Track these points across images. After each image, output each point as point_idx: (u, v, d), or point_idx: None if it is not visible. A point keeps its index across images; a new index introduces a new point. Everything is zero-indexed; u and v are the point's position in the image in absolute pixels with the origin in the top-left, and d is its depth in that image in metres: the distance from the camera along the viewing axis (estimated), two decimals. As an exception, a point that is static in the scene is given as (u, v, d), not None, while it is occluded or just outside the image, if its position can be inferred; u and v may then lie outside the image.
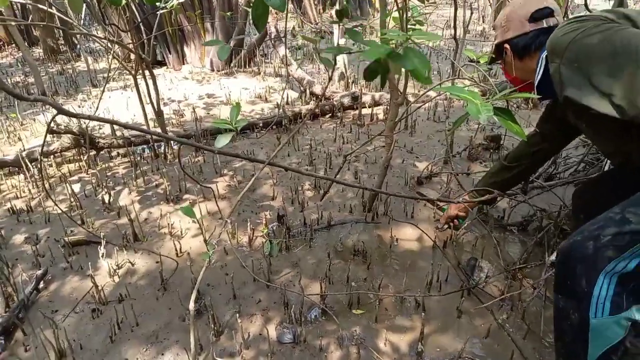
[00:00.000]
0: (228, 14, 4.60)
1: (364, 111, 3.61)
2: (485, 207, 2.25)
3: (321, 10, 8.35)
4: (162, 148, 3.02)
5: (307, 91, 4.04)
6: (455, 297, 1.72)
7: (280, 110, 3.69)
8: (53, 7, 2.73)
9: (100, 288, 1.76)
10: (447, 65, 4.94)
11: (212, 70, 5.08)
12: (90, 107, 3.98)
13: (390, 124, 2.07)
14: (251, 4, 1.08)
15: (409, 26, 1.81)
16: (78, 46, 6.46)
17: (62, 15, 3.08)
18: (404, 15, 1.77)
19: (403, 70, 1.55)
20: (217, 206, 1.95)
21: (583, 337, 1.07)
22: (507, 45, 1.37)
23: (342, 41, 4.36)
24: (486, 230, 2.11)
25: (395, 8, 1.92)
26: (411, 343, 1.54)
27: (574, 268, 1.07)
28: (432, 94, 3.60)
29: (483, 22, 7.32)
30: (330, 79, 1.63)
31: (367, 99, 3.77)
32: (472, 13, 5.15)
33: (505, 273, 1.82)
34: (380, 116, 3.59)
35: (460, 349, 1.47)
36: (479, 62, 2.11)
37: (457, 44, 2.38)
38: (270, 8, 1.09)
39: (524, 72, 1.37)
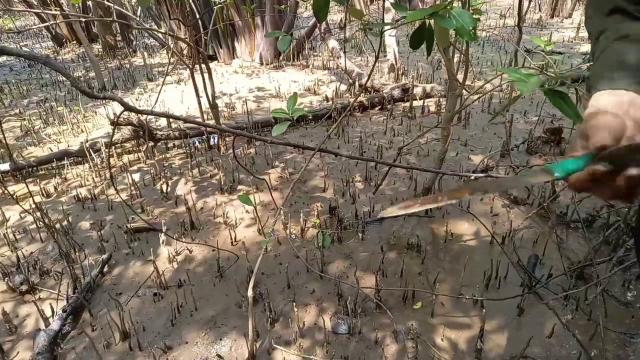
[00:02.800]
0: (282, 6, 4.63)
1: (415, 103, 3.54)
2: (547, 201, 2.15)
3: (369, 2, 8.26)
4: (216, 140, 3.09)
5: (356, 83, 4.01)
6: (516, 293, 1.65)
7: (330, 102, 3.68)
8: (113, 4, 2.84)
9: (160, 273, 1.82)
10: (502, 56, 4.76)
11: (261, 64, 5.14)
12: (147, 100, 4.13)
13: (447, 115, 2.02)
14: None
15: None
16: (134, 42, 6.72)
17: (121, 9, 3.21)
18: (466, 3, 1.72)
19: (457, 58, 1.50)
20: (271, 196, 1.97)
21: None
22: None
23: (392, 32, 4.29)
24: (547, 226, 2.02)
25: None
26: (470, 340, 1.50)
27: None
28: (488, 86, 3.48)
29: (540, 10, 6.99)
30: (376, 58, 1.60)
31: (417, 90, 3.69)
32: (530, 1, 4.93)
33: (569, 272, 1.73)
34: (432, 108, 3.50)
35: (522, 348, 1.42)
36: (543, 51, 2.01)
37: (520, 32, 2.28)
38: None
39: None
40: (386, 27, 1.40)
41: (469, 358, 1.44)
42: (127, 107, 1.16)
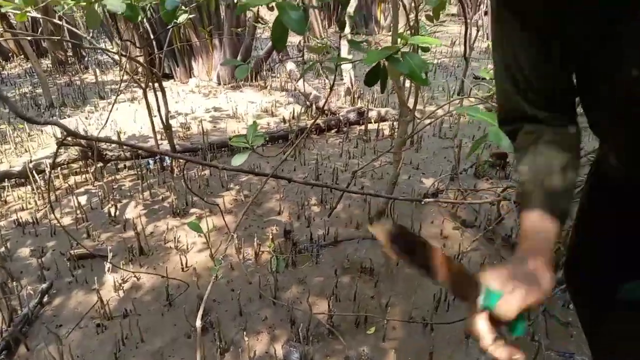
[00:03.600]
0: (238, 30, 4.65)
1: (370, 126, 3.61)
2: (493, 227, 2.23)
3: (327, 26, 8.44)
4: (169, 161, 3.03)
5: (314, 106, 4.05)
6: (463, 316, 1.69)
7: (287, 124, 3.71)
8: (64, 20, 2.76)
9: (105, 303, 1.74)
10: (452, 82, 4.96)
11: (219, 83, 5.11)
12: (98, 119, 4.00)
13: (399, 140, 2.07)
14: (259, 20, 1.10)
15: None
16: (86, 58, 6.53)
17: (72, 28, 3.12)
18: (413, 32, 1.79)
19: (408, 83, 1.54)
20: (224, 220, 1.94)
21: None
22: None
23: (349, 56, 4.39)
24: (494, 249, 2.09)
25: (402, 26, 1.95)
26: (420, 364, 1.52)
27: None
28: (440, 112, 3.61)
29: (487, 39, 7.37)
30: (331, 88, 1.63)
31: (373, 114, 3.78)
32: (477, 31, 5.19)
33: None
34: (387, 132, 3.59)
35: (470, 371, 1.45)
36: (484, 79, 2.11)
37: (467, 62, 2.39)
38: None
39: None
40: (342, 63, 1.43)
41: (419, 383, 1.46)
42: (70, 132, 1.12)
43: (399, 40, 1.25)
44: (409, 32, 1.81)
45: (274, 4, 1.00)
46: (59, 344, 1.52)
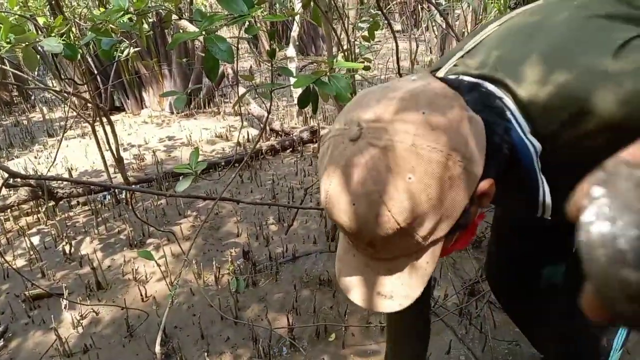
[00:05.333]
0: (184, 60, 4.71)
1: (323, 144, 3.72)
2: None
3: (277, 50, 8.61)
4: (124, 194, 3.02)
5: (267, 128, 4.14)
6: (417, 317, 1.79)
7: (240, 148, 3.76)
8: (5, 61, 2.74)
9: (64, 340, 1.73)
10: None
11: (172, 112, 5.12)
12: (48, 157, 3.93)
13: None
14: (207, 50, 1.17)
15: (357, 62, 1.95)
16: (32, 97, 6.38)
17: (15, 71, 3.09)
18: (350, 56, 1.91)
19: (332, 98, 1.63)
20: (180, 247, 1.97)
21: None
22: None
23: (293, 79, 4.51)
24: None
25: (343, 49, 2.07)
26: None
27: None
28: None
29: (431, 52, 7.73)
30: (268, 112, 1.72)
31: (325, 132, 3.89)
32: (417, 46, 5.46)
33: (462, 290, 1.91)
34: (339, 148, 3.71)
35: (424, 366, 1.53)
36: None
37: (400, 76, 2.54)
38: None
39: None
40: (275, 88, 1.52)
41: (378, 383, 1.53)
42: (13, 174, 1.14)
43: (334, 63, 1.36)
44: (343, 54, 1.93)
45: (201, 38, 1.08)
46: (17, 386, 1.51)
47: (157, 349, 1.37)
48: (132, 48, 2.66)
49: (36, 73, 7.05)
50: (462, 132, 0.55)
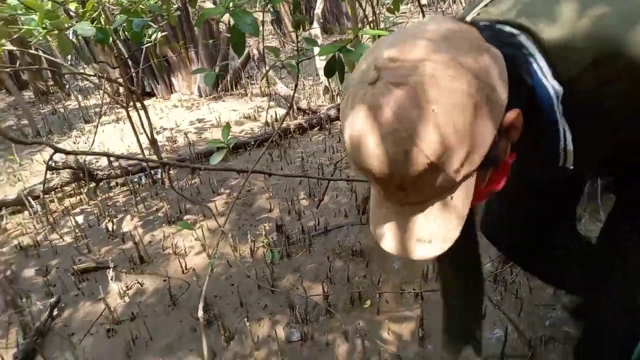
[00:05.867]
0: (210, 41, 4.75)
1: (351, 121, 3.72)
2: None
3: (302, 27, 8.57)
4: (159, 175, 3.12)
5: (295, 107, 4.16)
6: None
7: (269, 127, 3.81)
8: (40, 51, 2.85)
9: (112, 309, 1.83)
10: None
11: (200, 96, 5.21)
12: (85, 142, 4.08)
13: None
14: (233, 26, 1.20)
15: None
16: (67, 86, 6.59)
17: (50, 57, 3.21)
18: (375, 28, 1.91)
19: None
20: (216, 221, 2.04)
21: None
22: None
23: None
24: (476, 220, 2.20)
25: (367, 22, 2.06)
26: (413, 330, 1.63)
27: None
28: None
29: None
30: (296, 85, 1.74)
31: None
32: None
33: (497, 257, 1.91)
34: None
35: (458, 330, 1.56)
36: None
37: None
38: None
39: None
40: (301, 59, 1.54)
41: (414, 345, 1.57)
42: (57, 150, 1.21)
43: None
44: (368, 25, 1.92)
45: (225, 18, 1.10)
46: (73, 350, 1.61)
47: (200, 313, 1.45)
48: (159, 32, 2.72)
49: (69, 62, 7.26)
50: (482, 62, 0.55)
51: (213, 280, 2.00)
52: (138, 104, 2.96)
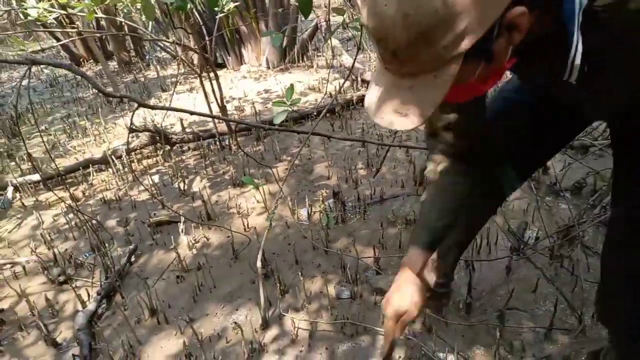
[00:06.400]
0: (280, 10, 4.83)
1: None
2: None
3: None
4: (227, 141, 3.30)
5: (359, 78, 4.17)
6: (505, 256, 1.80)
7: (333, 99, 3.86)
8: (124, 21, 3.07)
9: (182, 258, 2.02)
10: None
11: (268, 67, 5.34)
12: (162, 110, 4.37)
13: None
14: None
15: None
16: (147, 56, 7.02)
17: (133, 24, 3.45)
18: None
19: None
20: (277, 184, 2.15)
21: None
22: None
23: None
24: (538, 197, 2.15)
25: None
26: (461, 297, 1.65)
27: None
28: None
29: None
30: (357, 50, 1.76)
31: None
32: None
33: (555, 233, 1.87)
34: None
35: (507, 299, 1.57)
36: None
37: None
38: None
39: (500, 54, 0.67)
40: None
41: (461, 312, 1.60)
42: (140, 104, 1.35)
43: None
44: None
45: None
46: (147, 290, 1.81)
47: (258, 264, 1.57)
48: (232, 2, 2.83)
49: (148, 32, 7.67)
50: None
51: (272, 239, 2.13)
52: (211, 74, 3.13)
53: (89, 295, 1.92)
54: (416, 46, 0.59)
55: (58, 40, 6.62)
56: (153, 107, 1.44)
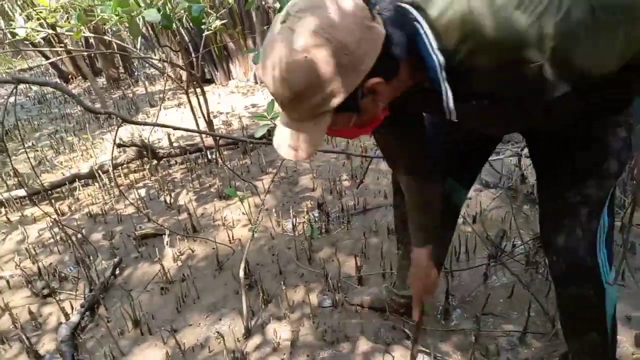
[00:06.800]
0: (266, 27, 4.91)
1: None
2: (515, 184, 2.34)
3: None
4: (214, 154, 3.33)
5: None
6: (482, 263, 1.84)
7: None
8: (112, 39, 3.13)
9: (166, 270, 2.04)
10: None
11: (256, 82, 5.42)
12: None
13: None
14: None
15: None
16: (136, 73, 7.07)
17: (121, 43, 3.50)
18: None
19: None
20: (260, 198, 2.18)
21: (603, 314, 1.09)
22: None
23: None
24: (515, 205, 2.21)
25: None
26: (439, 304, 1.69)
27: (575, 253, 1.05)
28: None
29: None
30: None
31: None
32: None
33: (530, 240, 1.92)
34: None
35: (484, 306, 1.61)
36: None
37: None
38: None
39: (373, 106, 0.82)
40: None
41: (439, 318, 1.63)
42: (125, 120, 1.39)
43: None
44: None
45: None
46: (131, 301, 1.83)
47: (241, 274, 1.60)
48: (218, 20, 2.90)
49: (137, 50, 7.73)
50: (356, 34, 0.72)
51: (256, 250, 2.16)
52: (198, 89, 3.18)
53: (72, 308, 1.92)
54: (295, 102, 0.76)
55: (47, 58, 6.65)
56: (137, 123, 1.48)
